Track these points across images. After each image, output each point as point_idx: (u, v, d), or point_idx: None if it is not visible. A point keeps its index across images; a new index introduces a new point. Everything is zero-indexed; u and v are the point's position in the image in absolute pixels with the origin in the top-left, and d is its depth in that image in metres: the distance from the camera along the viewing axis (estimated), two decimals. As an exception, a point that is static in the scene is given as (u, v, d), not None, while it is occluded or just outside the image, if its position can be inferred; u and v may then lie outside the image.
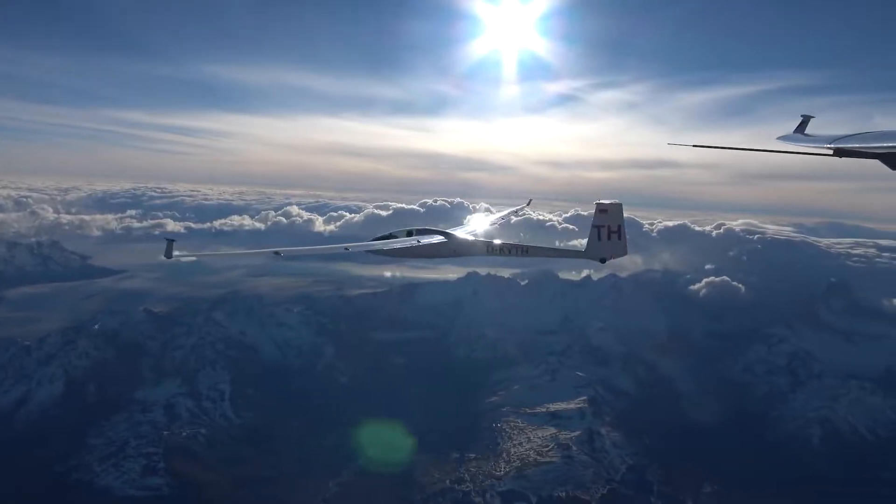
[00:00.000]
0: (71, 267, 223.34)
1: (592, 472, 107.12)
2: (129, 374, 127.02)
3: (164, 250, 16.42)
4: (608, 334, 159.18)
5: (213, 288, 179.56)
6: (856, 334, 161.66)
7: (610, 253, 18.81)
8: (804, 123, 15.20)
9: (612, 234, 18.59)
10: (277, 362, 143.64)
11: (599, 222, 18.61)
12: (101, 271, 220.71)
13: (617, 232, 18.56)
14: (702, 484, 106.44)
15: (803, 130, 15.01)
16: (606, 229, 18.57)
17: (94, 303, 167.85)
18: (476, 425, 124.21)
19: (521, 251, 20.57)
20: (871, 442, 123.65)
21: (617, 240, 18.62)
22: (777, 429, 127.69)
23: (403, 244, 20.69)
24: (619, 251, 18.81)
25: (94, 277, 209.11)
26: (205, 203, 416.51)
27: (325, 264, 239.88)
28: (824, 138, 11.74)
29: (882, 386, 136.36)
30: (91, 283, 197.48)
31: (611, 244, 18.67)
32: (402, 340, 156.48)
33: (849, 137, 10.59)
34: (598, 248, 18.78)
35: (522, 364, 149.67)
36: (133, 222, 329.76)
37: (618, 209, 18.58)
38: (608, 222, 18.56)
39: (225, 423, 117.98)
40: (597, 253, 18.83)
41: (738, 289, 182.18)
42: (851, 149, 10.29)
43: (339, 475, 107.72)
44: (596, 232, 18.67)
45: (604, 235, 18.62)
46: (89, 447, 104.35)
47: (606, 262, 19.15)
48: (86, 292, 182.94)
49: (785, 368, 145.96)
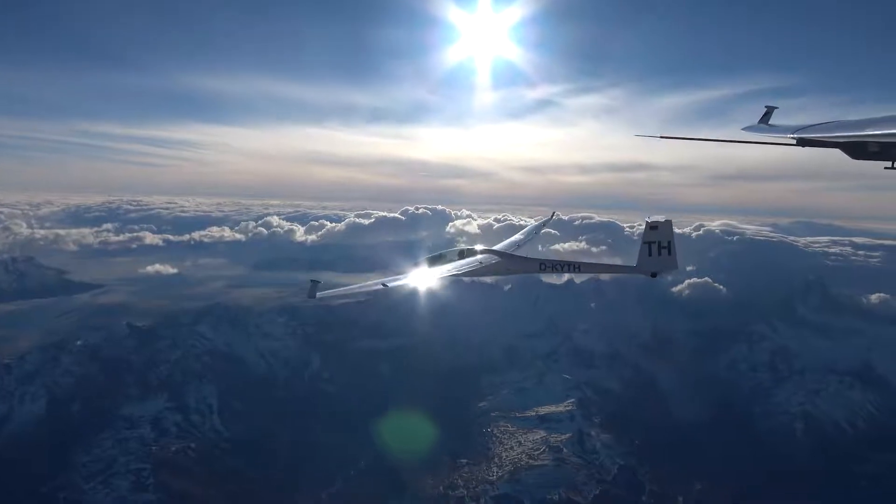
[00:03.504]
0: (47, 283, 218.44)
1: (584, 473, 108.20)
2: (114, 390, 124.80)
3: (308, 291, 16.47)
4: (593, 336, 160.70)
5: (195, 300, 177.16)
6: (834, 330, 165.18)
7: (661, 268, 19.46)
8: (768, 114, 15.36)
9: (663, 250, 19.22)
10: (264, 373, 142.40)
11: (650, 238, 19.26)
12: (79, 286, 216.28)
13: (667, 248, 19.22)
14: (692, 481, 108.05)
15: (767, 121, 15.18)
16: (657, 245, 19.22)
17: (74, 318, 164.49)
18: (466, 431, 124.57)
19: (574, 268, 20.95)
20: (851, 435, 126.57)
21: (667, 255, 19.26)
22: (761, 424, 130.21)
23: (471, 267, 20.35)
24: (669, 266, 19.45)
25: (72, 293, 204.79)
26: (182, 215, 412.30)
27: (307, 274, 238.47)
28: (787, 128, 12.16)
29: (860, 380, 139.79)
30: (69, 299, 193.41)
31: (661, 259, 19.31)
32: (387, 348, 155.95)
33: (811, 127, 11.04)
34: (649, 263, 19.39)
35: (509, 368, 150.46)
36: (110, 236, 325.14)
37: (668, 226, 19.28)
38: (658, 238, 19.22)
39: (214, 436, 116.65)
40: (648, 268, 19.43)
41: (719, 289, 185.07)
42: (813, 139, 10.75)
43: (331, 485, 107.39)
44: (647, 248, 19.29)
45: (654, 251, 19.26)
46: (75, 465, 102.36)
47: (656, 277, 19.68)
48: (64, 308, 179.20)
49: (767, 365, 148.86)
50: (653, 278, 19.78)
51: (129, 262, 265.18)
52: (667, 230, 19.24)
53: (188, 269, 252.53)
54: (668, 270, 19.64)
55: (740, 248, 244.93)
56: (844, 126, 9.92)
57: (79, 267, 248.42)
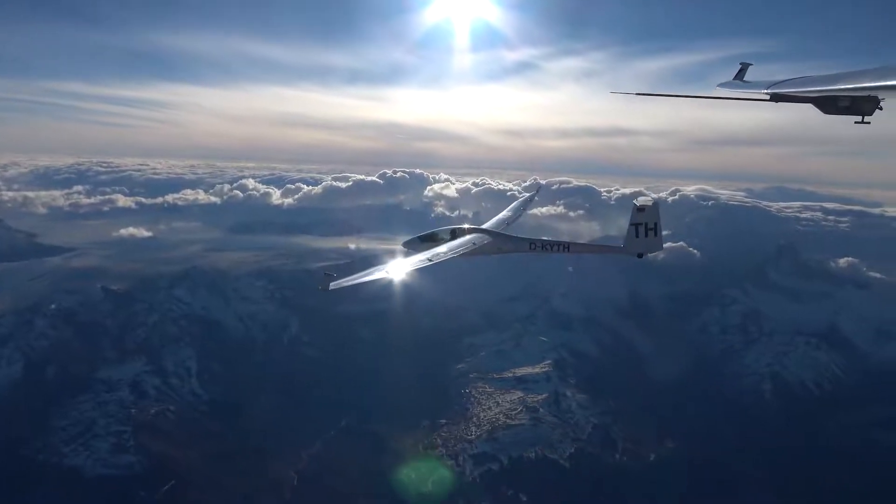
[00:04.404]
0: (18, 246, 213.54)
1: (560, 432, 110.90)
2: (91, 354, 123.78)
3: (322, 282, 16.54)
4: (570, 300, 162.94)
5: (172, 264, 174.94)
6: (803, 294, 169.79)
7: (647, 249, 19.75)
8: (743, 71, 15.28)
9: (649, 231, 19.52)
10: (243, 337, 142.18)
11: (637, 220, 19.51)
12: (51, 249, 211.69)
13: (653, 229, 19.51)
14: (664, 439, 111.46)
15: (742, 78, 15.10)
16: (644, 227, 19.51)
17: (47, 282, 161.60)
18: (445, 392, 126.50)
19: (563, 248, 21.00)
20: (816, 395, 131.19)
21: (654, 236, 19.58)
22: (732, 384, 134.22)
23: (465, 248, 20.19)
24: (655, 247, 19.77)
25: (44, 256, 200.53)
26: (154, 178, 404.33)
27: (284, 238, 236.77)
28: (761, 84, 12.19)
29: (826, 341, 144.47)
30: (40, 262, 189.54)
31: (647, 241, 19.63)
32: (367, 312, 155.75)
33: (784, 83, 11.13)
34: (636, 245, 19.70)
35: (488, 331, 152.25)
36: (80, 198, 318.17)
37: (654, 209, 19.61)
38: (645, 220, 19.50)
39: (193, 399, 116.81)
40: (635, 249, 19.74)
41: (694, 254, 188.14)
42: (786, 94, 10.93)
43: (311, 446, 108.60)
44: (634, 229, 19.54)
45: (641, 232, 19.55)
46: (54, 429, 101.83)
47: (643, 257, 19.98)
48: (36, 271, 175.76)
49: (738, 328, 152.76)
50: (639, 258, 20.05)
51: (101, 224, 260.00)
52: (653, 212, 19.57)
53: (163, 232, 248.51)
54: (654, 251, 19.97)
55: (715, 214, 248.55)
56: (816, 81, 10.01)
57: (49, 230, 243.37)
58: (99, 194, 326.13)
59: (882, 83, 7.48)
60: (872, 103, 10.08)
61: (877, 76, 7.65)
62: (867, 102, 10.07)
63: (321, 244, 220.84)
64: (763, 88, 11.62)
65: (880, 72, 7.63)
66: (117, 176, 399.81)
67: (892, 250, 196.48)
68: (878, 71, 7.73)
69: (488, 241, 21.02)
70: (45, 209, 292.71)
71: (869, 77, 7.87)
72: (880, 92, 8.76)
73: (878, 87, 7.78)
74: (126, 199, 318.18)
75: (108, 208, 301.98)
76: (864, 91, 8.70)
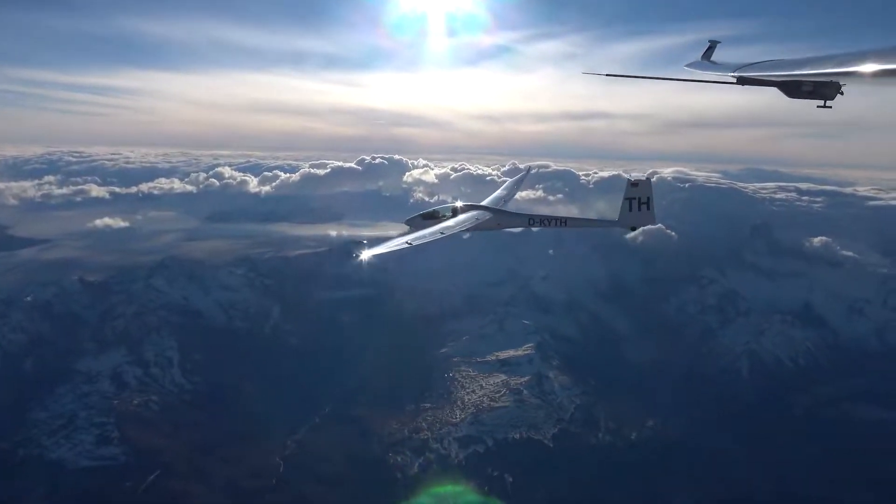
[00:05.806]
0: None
1: (543, 413, 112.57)
2: (69, 346, 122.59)
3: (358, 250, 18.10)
4: (551, 283, 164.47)
5: (148, 254, 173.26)
6: (777, 273, 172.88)
7: (640, 222, 20.80)
8: (711, 49, 15.28)
9: (642, 206, 20.53)
10: (223, 326, 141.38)
11: (631, 195, 20.50)
12: (23, 241, 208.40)
13: (646, 203, 20.51)
14: (645, 418, 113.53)
15: (710, 57, 15.09)
16: (637, 201, 20.47)
17: (20, 274, 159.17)
18: (429, 377, 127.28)
19: (560, 222, 21.96)
20: (791, 370, 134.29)
21: (646, 210, 20.58)
22: (710, 363, 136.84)
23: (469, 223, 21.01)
24: (648, 220, 20.83)
25: (16, 248, 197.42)
26: (127, 167, 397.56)
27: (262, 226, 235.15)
28: (728, 66, 12.55)
29: (801, 319, 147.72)
30: (13, 255, 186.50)
31: (641, 215, 20.65)
32: (348, 299, 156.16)
33: (750, 66, 11.41)
34: (630, 218, 20.74)
35: (470, 315, 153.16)
36: (52, 189, 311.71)
37: (647, 184, 20.66)
38: (638, 195, 20.49)
39: (175, 388, 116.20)
40: (628, 222, 20.79)
41: (671, 236, 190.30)
42: (753, 77, 11.25)
43: (295, 433, 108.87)
44: (627, 204, 20.52)
45: (634, 207, 20.51)
46: (34, 422, 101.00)
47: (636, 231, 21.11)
48: (8, 264, 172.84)
49: (715, 307, 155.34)
50: (632, 232, 21.18)
51: (74, 215, 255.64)
52: (646, 188, 20.55)
53: (138, 222, 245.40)
54: (647, 224, 20.94)
55: (692, 195, 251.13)
56: (782, 65, 10.30)
57: (21, 221, 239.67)
58: (71, 184, 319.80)
59: (842, 69, 7.71)
60: (834, 89, 10.54)
61: (837, 63, 7.88)
62: (829, 88, 10.52)
63: (300, 232, 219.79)
64: (730, 71, 11.96)
65: (840, 58, 7.86)
66: (89, 165, 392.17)
67: (863, 228, 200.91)
68: (838, 57, 7.95)
69: (489, 216, 21.94)
70: (16, 201, 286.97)
71: (830, 63, 8.10)
72: (841, 78, 9.01)
73: (838, 74, 8.02)
74: (99, 189, 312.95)
75: (81, 199, 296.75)
76: (826, 77, 9.04)
